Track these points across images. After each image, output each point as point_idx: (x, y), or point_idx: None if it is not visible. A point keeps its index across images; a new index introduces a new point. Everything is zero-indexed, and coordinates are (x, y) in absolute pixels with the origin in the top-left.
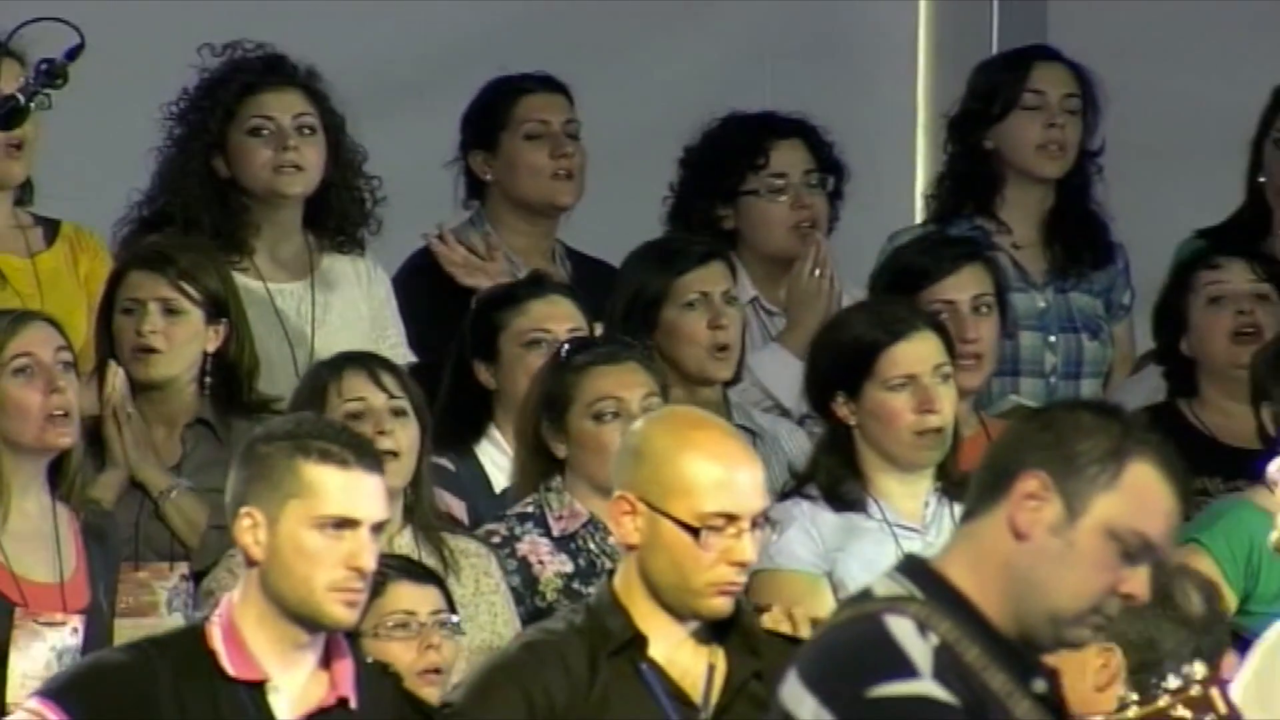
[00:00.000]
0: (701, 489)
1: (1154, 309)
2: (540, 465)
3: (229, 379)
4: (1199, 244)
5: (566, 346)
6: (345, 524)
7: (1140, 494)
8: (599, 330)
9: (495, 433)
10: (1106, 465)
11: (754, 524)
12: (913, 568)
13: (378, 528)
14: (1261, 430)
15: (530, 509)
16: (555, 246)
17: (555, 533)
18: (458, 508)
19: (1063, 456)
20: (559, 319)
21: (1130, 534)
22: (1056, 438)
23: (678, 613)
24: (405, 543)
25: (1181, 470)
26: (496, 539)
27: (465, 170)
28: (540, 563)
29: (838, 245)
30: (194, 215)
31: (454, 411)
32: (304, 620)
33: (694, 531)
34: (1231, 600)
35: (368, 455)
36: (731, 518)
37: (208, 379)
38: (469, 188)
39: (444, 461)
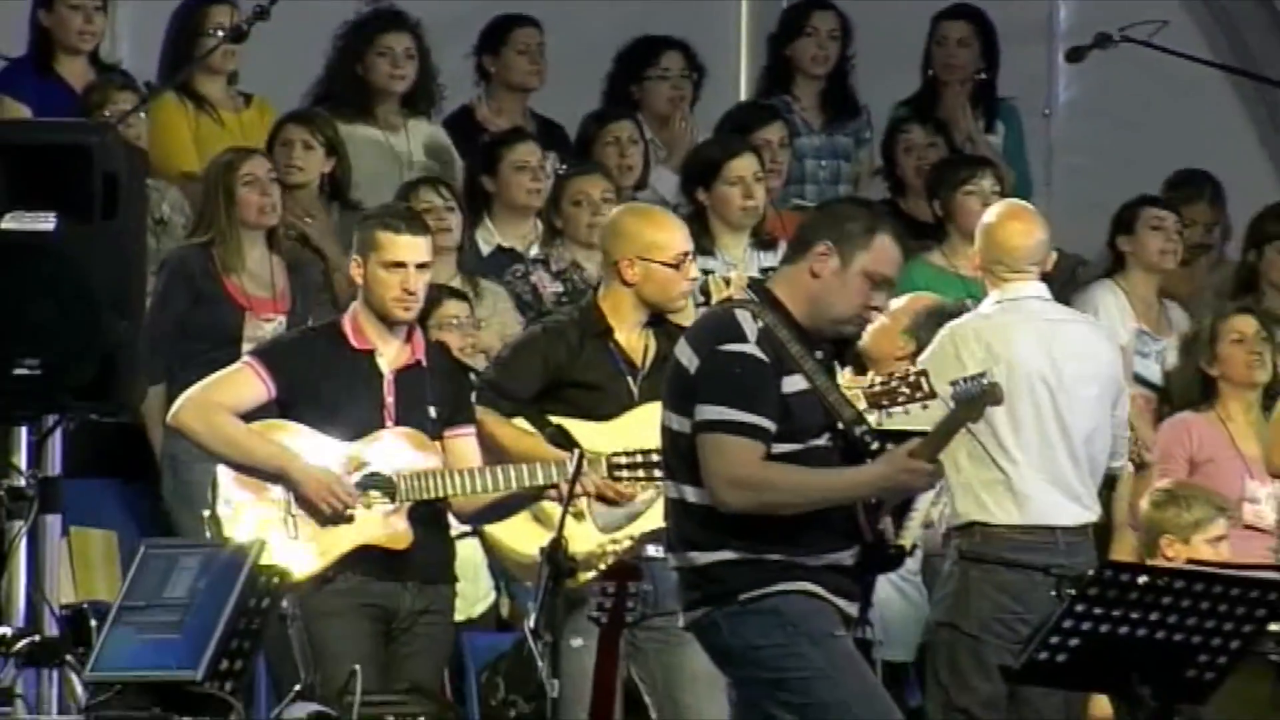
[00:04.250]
0: (673, 243)
1: (881, 149)
2: (550, 229)
3: (336, 189)
4: (902, 109)
5: (563, 168)
6: (399, 265)
7: (883, 252)
8: (552, 159)
9: (488, 221)
10: (863, 236)
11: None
12: (754, 285)
13: (421, 266)
14: (933, 212)
15: (540, 256)
16: (527, 110)
17: (553, 269)
18: None
19: (841, 231)
20: (529, 154)
21: (877, 275)
22: (836, 220)
23: (660, 312)
24: (458, 280)
25: (903, 236)
26: (519, 272)
27: (478, 65)
28: (544, 287)
29: (697, 110)
30: (343, 97)
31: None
32: (383, 318)
33: (675, 266)
34: None
35: (415, 223)
36: (687, 253)
37: (326, 187)
38: (480, 75)
39: None
